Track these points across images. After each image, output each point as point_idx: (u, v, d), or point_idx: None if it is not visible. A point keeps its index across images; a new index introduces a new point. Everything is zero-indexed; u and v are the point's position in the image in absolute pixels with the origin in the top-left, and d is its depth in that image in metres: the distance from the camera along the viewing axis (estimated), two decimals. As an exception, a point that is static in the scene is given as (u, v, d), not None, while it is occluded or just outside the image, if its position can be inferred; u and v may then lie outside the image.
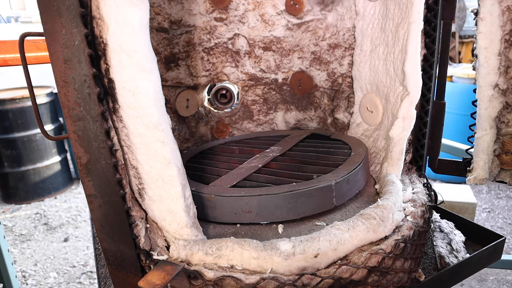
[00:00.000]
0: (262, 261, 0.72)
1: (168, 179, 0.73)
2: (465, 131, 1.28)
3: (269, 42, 1.40)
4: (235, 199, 0.87)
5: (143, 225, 0.77)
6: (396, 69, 1.05)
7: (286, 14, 1.35)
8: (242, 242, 0.75)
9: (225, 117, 1.52)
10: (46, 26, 0.62)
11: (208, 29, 1.37)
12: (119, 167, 0.72)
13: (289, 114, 1.50)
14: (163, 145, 0.70)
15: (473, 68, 1.11)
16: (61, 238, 3.02)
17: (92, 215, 0.73)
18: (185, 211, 0.76)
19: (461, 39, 5.92)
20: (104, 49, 0.66)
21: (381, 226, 0.81)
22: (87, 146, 0.68)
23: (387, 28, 1.09)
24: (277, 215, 0.87)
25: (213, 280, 0.72)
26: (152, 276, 0.67)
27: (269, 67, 1.44)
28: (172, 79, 1.37)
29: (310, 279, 0.72)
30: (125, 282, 0.78)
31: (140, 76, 0.66)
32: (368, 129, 1.25)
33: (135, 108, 0.68)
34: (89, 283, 2.48)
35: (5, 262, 1.89)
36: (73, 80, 0.64)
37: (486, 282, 2.30)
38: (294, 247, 0.73)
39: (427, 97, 1.15)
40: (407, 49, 0.98)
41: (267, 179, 1.00)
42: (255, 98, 1.49)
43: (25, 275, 2.56)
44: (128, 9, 0.63)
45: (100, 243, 0.76)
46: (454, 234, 1.08)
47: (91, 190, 0.71)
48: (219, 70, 1.44)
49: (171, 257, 0.77)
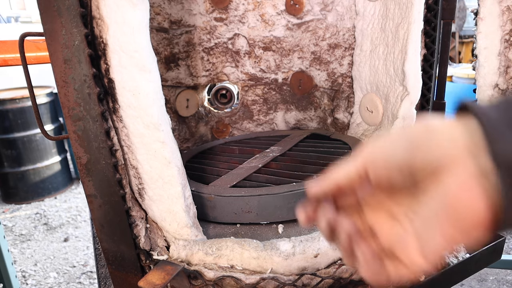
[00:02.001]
0: (262, 261, 0.72)
1: (168, 179, 0.73)
2: (465, 131, 1.28)
3: (269, 42, 1.40)
4: (235, 199, 0.87)
5: (143, 225, 0.77)
6: (396, 69, 1.05)
7: (286, 14, 1.35)
8: (242, 242, 0.75)
9: (225, 117, 1.52)
10: (46, 26, 0.62)
11: (208, 29, 1.37)
12: (119, 167, 0.72)
13: (289, 114, 1.50)
14: (163, 145, 0.70)
15: (473, 68, 1.11)
16: (61, 238, 3.02)
17: (92, 215, 0.73)
18: (185, 211, 0.76)
19: (461, 39, 5.93)
20: (104, 49, 0.66)
21: (381, 226, 0.81)
22: (87, 146, 0.68)
23: (387, 28, 1.09)
24: (277, 215, 0.87)
25: (213, 280, 0.72)
26: (152, 276, 0.67)
27: (269, 67, 1.44)
28: (172, 79, 1.37)
29: (310, 279, 0.72)
30: (125, 282, 0.78)
31: (140, 76, 0.66)
32: (368, 129, 1.25)
33: (135, 108, 0.68)
34: (89, 283, 2.48)
35: (5, 262, 1.89)
36: (73, 80, 0.64)
37: (486, 282, 2.30)
38: (294, 247, 0.73)
39: (427, 97, 1.15)
40: (407, 49, 0.98)
41: (267, 179, 1.00)
42: (255, 98, 1.49)
43: (25, 275, 2.56)
44: (128, 9, 0.63)
45: (100, 243, 0.76)
46: (454, 234, 1.08)
47: (91, 190, 0.71)
48: (219, 70, 1.44)
49: (171, 257, 0.77)
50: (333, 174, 0.42)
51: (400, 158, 0.36)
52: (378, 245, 0.40)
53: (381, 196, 0.41)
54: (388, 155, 0.37)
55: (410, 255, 0.37)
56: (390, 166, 0.37)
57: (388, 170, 0.37)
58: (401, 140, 0.37)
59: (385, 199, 0.41)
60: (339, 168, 0.42)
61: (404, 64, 0.99)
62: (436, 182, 0.34)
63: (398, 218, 0.40)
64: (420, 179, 0.35)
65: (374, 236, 0.41)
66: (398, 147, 0.37)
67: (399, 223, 0.39)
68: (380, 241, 0.40)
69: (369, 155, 0.39)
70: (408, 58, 0.98)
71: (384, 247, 0.39)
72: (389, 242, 0.39)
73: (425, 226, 0.35)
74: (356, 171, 0.40)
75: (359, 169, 0.40)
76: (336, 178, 0.42)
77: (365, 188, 0.42)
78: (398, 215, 0.40)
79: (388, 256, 0.39)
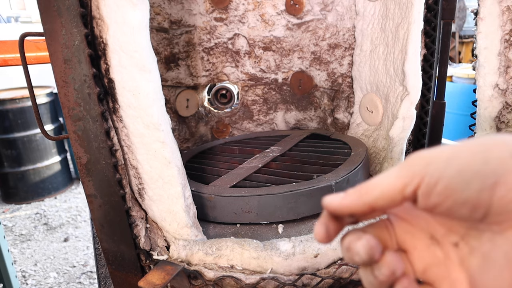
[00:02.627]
0: (262, 261, 0.72)
1: (168, 179, 0.73)
2: (465, 131, 1.28)
3: (269, 42, 1.40)
4: (235, 199, 0.87)
5: (143, 225, 0.77)
6: (396, 69, 1.05)
7: (286, 14, 1.35)
8: (242, 242, 0.75)
9: (225, 117, 1.52)
10: (46, 26, 0.62)
11: (208, 29, 1.37)
12: (119, 167, 0.72)
13: (289, 114, 1.50)
14: (163, 145, 0.70)
15: (473, 68, 1.11)
16: (61, 238, 3.02)
17: (92, 215, 0.73)
18: (185, 211, 0.76)
19: (461, 39, 5.92)
20: (104, 49, 0.66)
21: (381, 226, 0.81)
22: (87, 146, 0.68)
23: (387, 28, 1.09)
24: (277, 215, 0.87)
25: (213, 280, 0.72)
26: (152, 276, 0.67)
27: (269, 67, 1.44)
28: (172, 79, 1.37)
29: (310, 279, 0.72)
30: (125, 282, 0.78)
31: (140, 76, 0.66)
32: (368, 129, 1.25)
33: (135, 108, 0.68)
34: (89, 283, 2.48)
35: (5, 262, 1.89)
36: (73, 80, 0.64)
37: (486, 282, 2.30)
38: (294, 247, 0.73)
39: (427, 97, 1.15)
40: (407, 49, 0.98)
41: (267, 179, 1.00)
42: (255, 98, 1.49)
43: (25, 275, 2.56)
44: (128, 9, 0.63)
45: (100, 243, 0.76)
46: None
47: (91, 190, 0.71)
48: (219, 70, 1.44)
49: (171, 257, 0.77)
50: (367, 189, 0.32)
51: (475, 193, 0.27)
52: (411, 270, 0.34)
53: (424, 216, 0.34)
54: (457, 185, 0.28)
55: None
56: (458, 199, 0.28)
57: (455, 202, 0.28)
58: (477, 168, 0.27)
59: (429, 220, 0.33)
60: (377, 182, 0.32)
61: (404, 64, 0.99)
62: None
63: (438, 240, 0.33)
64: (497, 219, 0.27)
65: (404, 258, 0.34)
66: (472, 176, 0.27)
67: (439, 246, 0.32)
68: (413, 267, 0.34)
69: (425, 173, 0.29)
70: (408, 58, 0.98)
71: (418, 274, 0.33)
72: (428, 271, 0.33)
73: (484, 264, 0.29)
74: (400, 191, 0.30)
75: (405, 188, 0.30)
76: (370, 197, 0.32)
77: (405, 208, 0.34)
78: (439, 237, 0.32)
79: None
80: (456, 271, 0.31)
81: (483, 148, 0.28)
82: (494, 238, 0.28)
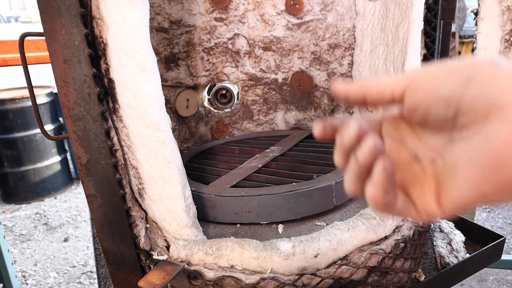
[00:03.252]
0: (262, 261, 0.72)
1: (168, 179, 0.73)
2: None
3: (269, 42, 1.40)
4: (235, 199, 0.87)
5: (143, 225, 0.77)
6: (396, 69, 1.05)
7: (286, 14, 1.35)
8: (242, 242, 0.75)
9: (225, 117, 1.52)
10: (46, 26, 0.62)
11: (208, 29, 1.37)
12: (119, 167, 0.72)
13: (289, 114, 1.50)
14: (163, 145, 0.70)
15: (473, 68, 1.11)
16: (61, 238, 3.02)
17: (92, 215, 0.73)
18: (185, 211, 0.76)
19: (461, 39, 5.92)
20: (104, 49, 0.66)
21: (381, 226, 0.81)
22: (87, 146, 0.68)
23: (387, 28, 1.09)
24: (277, 215, 0.87)
25: (213, 280, 0.72)
26: (152, 276, 0.67)
27: (269, 67, 1.44)
28: (172, 79, 1.37)
29: (310, 279, 0.72)
30: (125, 282, 0.78)
31: (140, 76, 0.66)
32: (368, 129, 1.25)
33: (135, 108, 0.68)
34: (89, 283, 2.48)
35: (5, 262, 1.89)
36: (73, 80, 0.64)
37: (486, 282, 2.30)
38: (294, 247, 0.73)
39: (427, 97, 1.15)
40: (407, 49, 0.98)
41: (267, 179, 1.00)
42: (255, 98, 1.49)
43: (25, 275, 2.56)
44: (128, 9, 0.63)
45: (100, 243, 0.76)
46: (454, 234, 1.08)
47: (91, 190, 0.71)
48: (219, 70, 1.44)
49: (171, 257, 0.77)
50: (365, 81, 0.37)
51: (450, 89, 0.30)
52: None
53: (405, 130, 0.37)
54: (437, 83, 0.31)
55: (424, 199, 0.34)
56: (435, 95, 0.31)
57: (432, 99, 0.32)
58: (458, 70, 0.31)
59: (409, 134, 0.37)
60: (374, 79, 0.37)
61: (404, 64, 0.99)
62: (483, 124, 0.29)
63: (419, 158, 0.36)
64: (465, 119, 0.30)
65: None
66: (451, 76, 0.31)
67: (419, 163, 0.36)
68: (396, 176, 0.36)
69: (413, 77, 0.34)
70: (408, 58, 0.98)
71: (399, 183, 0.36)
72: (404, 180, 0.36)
73: (450, 172, 0.32)
74: (391, 89, 0.34)
75: (396, 88, 0.34)
76: (366, 86, 0.36)
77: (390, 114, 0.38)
78: (420, 154, 0.36)
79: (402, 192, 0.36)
80: (428, 181, 0.34)
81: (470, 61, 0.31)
82: (462, 146, 0.31)
